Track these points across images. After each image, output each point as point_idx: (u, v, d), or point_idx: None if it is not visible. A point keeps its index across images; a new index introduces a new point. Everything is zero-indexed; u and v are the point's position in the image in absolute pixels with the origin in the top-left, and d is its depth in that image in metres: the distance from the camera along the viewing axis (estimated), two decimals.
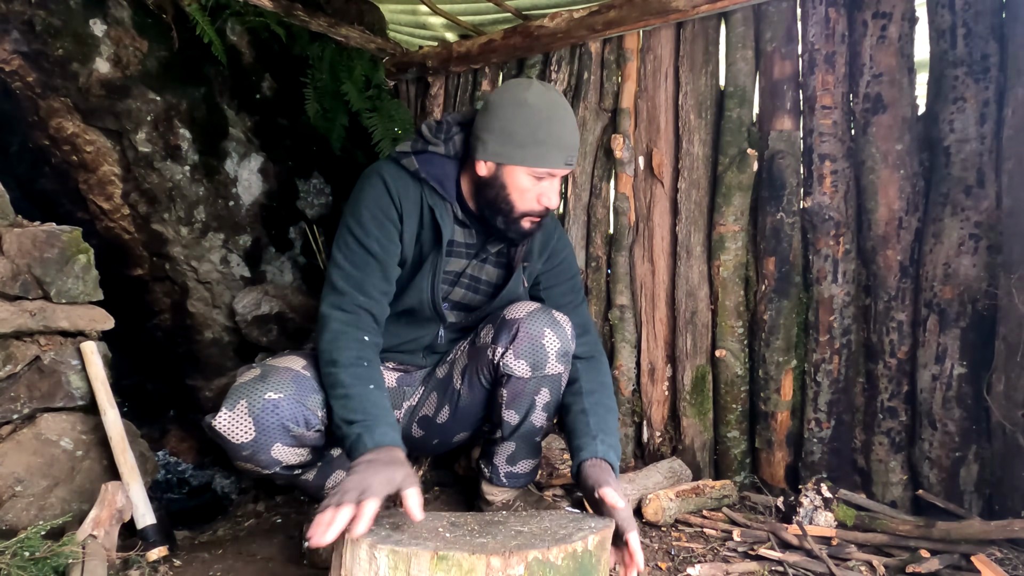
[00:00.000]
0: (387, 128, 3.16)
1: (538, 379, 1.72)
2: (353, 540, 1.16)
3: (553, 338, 1.69)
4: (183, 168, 2.69)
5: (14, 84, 2.36)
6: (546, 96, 1.60)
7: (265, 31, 2.93)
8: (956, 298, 1.88)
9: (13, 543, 1.47)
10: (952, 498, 1.89)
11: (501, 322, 1.74)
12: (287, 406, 1.53)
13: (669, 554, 1.77)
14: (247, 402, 1.52)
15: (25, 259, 1.91)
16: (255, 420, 1.51)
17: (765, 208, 2.18)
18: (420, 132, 1.75)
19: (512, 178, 1.62)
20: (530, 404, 1.76)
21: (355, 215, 1.66)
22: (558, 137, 1.59)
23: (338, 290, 1.61)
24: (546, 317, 1.71)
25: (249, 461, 1.57)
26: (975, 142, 1.85)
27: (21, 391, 1.88)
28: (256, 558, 1.82)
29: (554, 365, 1.71)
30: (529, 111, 1.57)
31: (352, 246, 1.63)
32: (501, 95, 1.62)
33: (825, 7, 2.07)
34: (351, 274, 1.62)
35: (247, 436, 1.52)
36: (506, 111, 1.59)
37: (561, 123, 1.60)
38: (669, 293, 2.40)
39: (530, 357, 1.69)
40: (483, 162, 1.64)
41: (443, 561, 1.09)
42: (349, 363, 1.51)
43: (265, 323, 2.78)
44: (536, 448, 1.90)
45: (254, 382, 1.55)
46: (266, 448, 1.54)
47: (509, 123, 1.58)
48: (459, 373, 1.85)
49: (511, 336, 1.70)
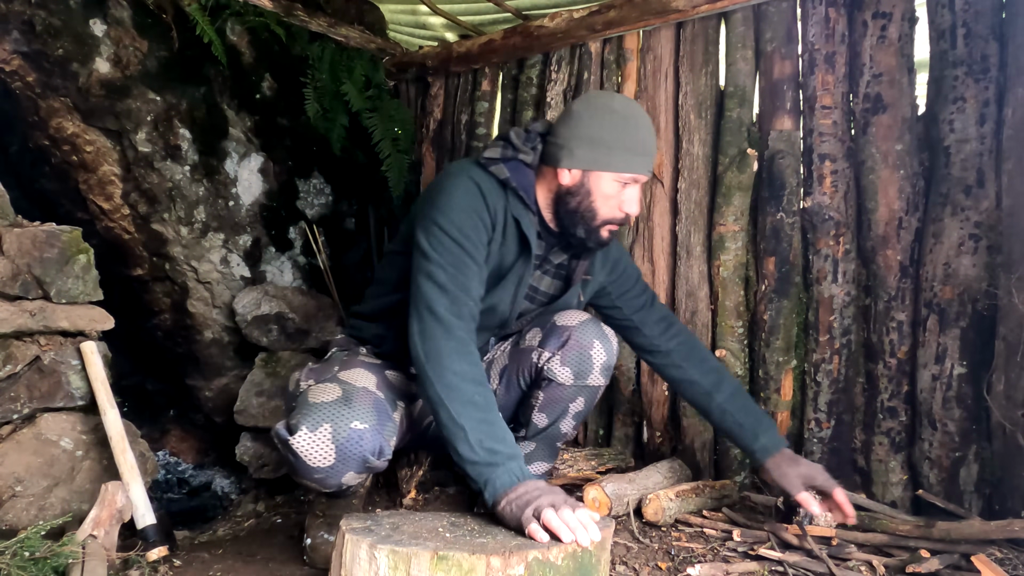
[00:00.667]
0: (387, 128, 3.16)
1: (578, 388, 1.76)
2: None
3: (601, 351, 1.74)
4: (183, 168, 2.69)
5: (14, 84, 2.36)
6: (630, 104, 1.66)
7: (265, 31, 2.93)
8: (956, 298, 1.88)
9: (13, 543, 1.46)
10: (952, 498, 1.89)
11: (551, 327, 1.77)
12: (370, 437, 1.47)
13: (669, 554, 1.77)
14: (332, 428, 1.44)
15: (25, 259, 1.91)
16: (338, 448, 1.44)
17: (765, 208, 2.18)
18: (509, 139, 1.71)
19: (598, 185, 1.63)
20: (563, 410, 1.80)
21: (447, 215, 1.58)
22: (644, 143, 1.64)
23: (447, 292, 1.53)
24: (596, 329, 1.75)
25: (315, 482, 1.51)
26: (975, 142, 1.85)
27: (21, 391, 1.88)
28: (256, 558, 1.82)
29: (596, 377, 1.76)
30: (617, 118, 1.61)
31: (449, 246, 1.56)
32: (586, 104, 1.65)
33: (825, 7, 2.07)
34: (454, 276, 1.55)
35: (325, 462, 1.45)
36: (594, 119, 1.62)
37: (647, 130, 1.65)
38: (669, 293, 2.40)
39: (576, 366, 1.73)
40: (568, 170, 1.64)
41: (443, 561, 1.09)
42: (480, 380, 1.48)
43: (265, 323, 2.78)
44: (554, 452, 1.92)
45: (338, 406, 1.47)
46: (339, 475, 1.49)
47: (598, 130, 1.60)
48: (497, 373, 1.88)
49: (561, 343, 1.74)
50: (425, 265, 1.56)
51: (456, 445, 1.41)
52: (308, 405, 1.49)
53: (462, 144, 3.09)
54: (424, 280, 1.55)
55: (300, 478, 1.52)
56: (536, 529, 1.23)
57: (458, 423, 1.41)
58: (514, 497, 1.33)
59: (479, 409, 1.43)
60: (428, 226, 1.60)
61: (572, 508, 1.25)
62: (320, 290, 3.10)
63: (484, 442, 1.39)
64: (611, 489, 1.94)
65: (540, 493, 1.31)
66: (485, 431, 1.41)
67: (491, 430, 1.42)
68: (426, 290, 1.54)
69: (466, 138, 3.07)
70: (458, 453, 1.41)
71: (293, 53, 3.05)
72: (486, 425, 1.42)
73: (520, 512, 1.28)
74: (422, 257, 1.58)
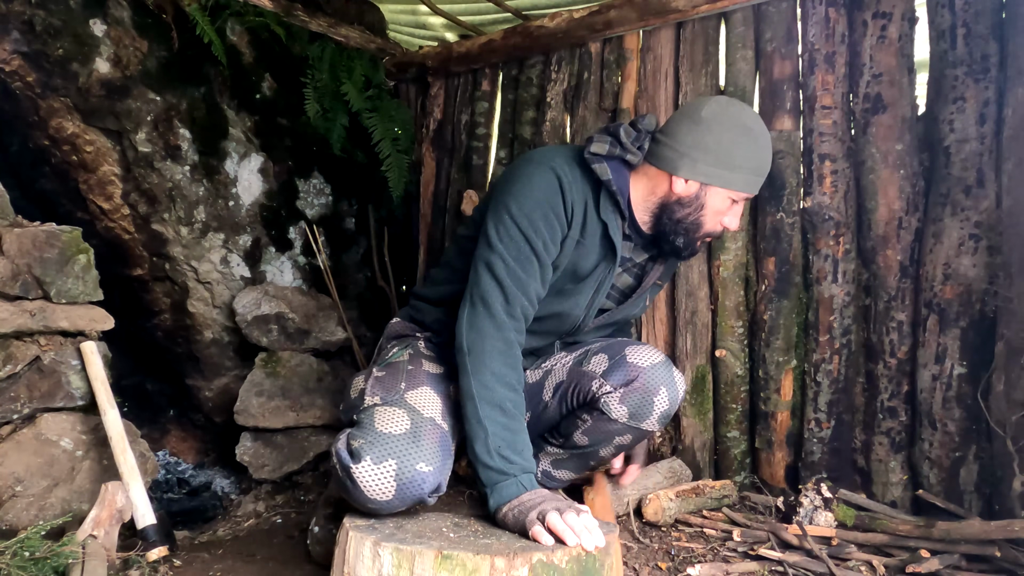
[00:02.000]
0: (387, 128, 3.16)
1: (629, 427, 1.70)
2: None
3: (664, 398, 1.66)
4: (183, 168, 2.69)
5: (14, 84, 2.36)
6: (760, 122, 1.61)
7: (265, 31, 2.93)
8: (956, 298, 1.88)
9: (13, 543, 1.46)
10: (952, 498, 1.89)
11: (620, 360, 1.69)
12: (432, 479, 1.41)
13: (669, 554, 1.77)
14: (397, 466, 1.37)
15: (25, 259, 1.90)
16: (399, 487, 1.38)
17: (765, 208, 2.19)
18: (618, 137, 1.63)
19: (712, 199, 1.60)
20: (607, 440, 1.75)
21: (522, 207, 1.54)
22: (767, 164, 1.62)
23: (504, 286, 1.51)
24: (667, 375, 1.67)
25: (366, 509, 1.43)
26: (975, 142, 1.85)
27: (21, 391, 1.88)
28: (256, 558, 1.82)
29: (652, 423, 1.69)
30: (750, 137, 1.57)
31: (516, 238, 1.53)
32: (716, 114, 1.56)
33: (825, 7, 2.08)
34: (516, 273, 1.52)
35: (384, 496, 1.38)
36: (725, 133, 1.55)
37: (770, 148, 1.63)
38: (669, 293, 2.40)
39: (634, 408, 1.66)
40: (684, 180, 1.58)
41: (447, 560, 1.09)
42: (516, 386, 1.48)
43: (265, 323, 2.78)
44: (584, 467, 1.89)
45: (406, 442, 1.41)
46: (393, 509, 1.43)
47: (728, 146, 1.55)
48: (552, 386, 1.81)
49: (625, 380, 1.66)
50: (487, 253, 1.54)
51: (474, 444, 1.43)
52: (375, 434, 1.42)
53: (462, 144, 3.09)
54: (484, 269, 1.53)
55: (352, 501, 1.46)
56: (540, 531, 1.23)
57: (482, 423, 1.42)
58: (517, 503, 1.34)
59: (506, 415, 1.44)
60: (499, 212, 1.56)
61: (576, 512, 1.25)
62: (320, 290, 3.10)
63: (502, 449, 1.40)
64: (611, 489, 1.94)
65: (544, 499, 1.32)
66: (505, 439, 1.42)
67: (512, 439, 1.42)
68: (484, 280, 1.52)
69: (466, 138, 3.07)
70: (474, 452, 1.43)
71: (293, 53, 3.05)
72: (508, 432, 1.43)
73: (524, 516, 1.29)
74: (486, 243, 1.55)
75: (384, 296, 3.34)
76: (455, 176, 3.12)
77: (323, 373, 2.84)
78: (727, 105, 1.59)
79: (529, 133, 2.82)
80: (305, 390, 2.71)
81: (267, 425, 2.60)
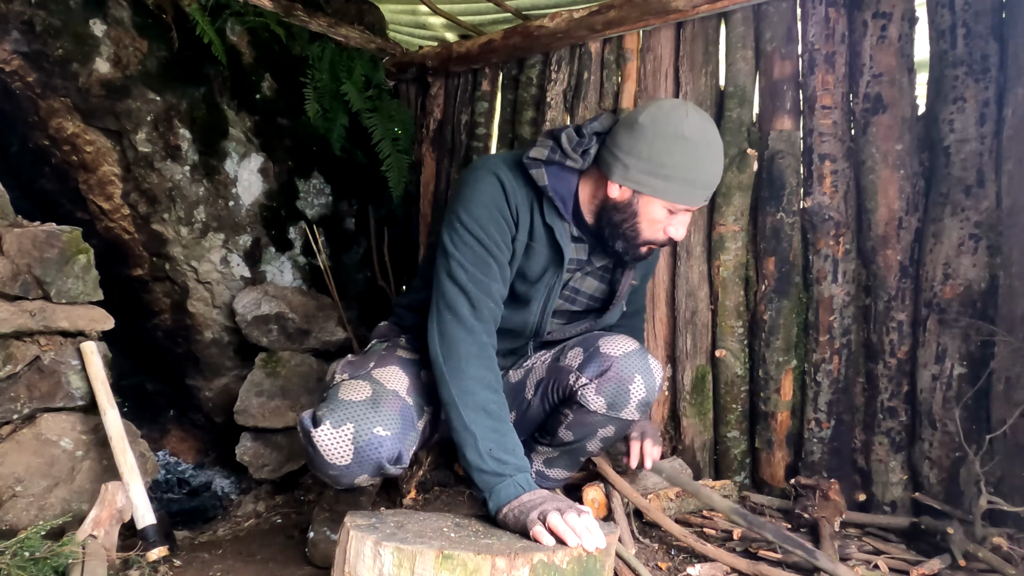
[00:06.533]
0: (387, 128, 3.16)
1: (609, 418, 1.71)
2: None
3: (640, 386, 1.67)
4: (183, 168, 2.69)
5: (14, 84, 2.36)
6: (703, 130, 1.50)
7: (265, 31, 2.93)
8: (956, 298, 1.88)
9: (13, 543, 1.46)
10: (952, 498, 1.89)
11: (593, 352, 1.70)
12: (390, 445, 1.46)
13: (669, 554, 1.77)
14: (354, 429, 1.43)
15: (25, 259, 1.90)
16: (356, 451, 1.43)
17: (765, 208, 2.19)
18: (559, 142, 1.60)
19: (647, 208, 1.55)
20: (591, 433, 1.76)
21: (471, 213, 1.55)
22: (708, 175, 1.52)
23: (468, 292, 1.51)
24: (640, 363, 1.68)
25: (329, 478, 1.51)
26: (975, 142, 1.85)
27: (21, 391, 1.88)
28: (256, 558, 1.82)
29: (631, 412, 1.70)
30: (685, 146, 1.48)
31: (471, 243, 1.54)
32: (656, 120, 1.49)
33: (825, 7, 2.08)
34: (477, 277, 1.53)
35: (342, 461, 1.44)
36: (658, 140, 1.48)
37: (714, 161, 1.52)
38: (669, 293, 2.40)
39: (610, 398, 1.67)
40: (619, 186, 1.55)
41: (448, 560, 1.09)
42: (496, 387, 1.48)
43: (265, 323, 2.78)
44: (576, 464, 1.91)
45: (365, 407, 1.46)
46: (352, 476, 1.48)
47: (660, 155, 1.48)
48: (533, 384, 1.83)
49: (600, 371, 1.67)
50: (446, 262, 1.55)
51: (465, 451, 1.42)
52: (336, 401, 1.47)
53: (462, 144, 3.09)
54: (445, 277, 1.53)
55: (315, 470, 1.52)
56: (541, 531, 1.23)
57: (469, 429, 1.42)
58: (517, 504, 1.33)
59: (491, 417, 1.44)
60: (451, 221, 1.57)
61: (577, 513, 1.25)
62: (320, 290, 3.10)
63: (493, 452, 1.40)
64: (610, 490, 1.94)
65: (544, 499, 1.31)
66: (495, 440, 1.41)
67: (501, 440, 1.42)
68: (446, 288, 1.52)
69: (466, 138, 3.07)
70: (466, 459, 1.42)
71: (293, 53, 3.05)
72: (497, 435, 1.42)
73: (524, 516, 1.29)
74: (443, 253, 1.56)
75: (384, 296, 3.34)
76: (455, 176, 3.12)
77: (323, 373, 2.84)
78: (669, 111, 1.50)
79: (529, 133, 2.82)
80: (305, 390, 2.71)
81: (267, 425, 2.60)
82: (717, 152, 1.53)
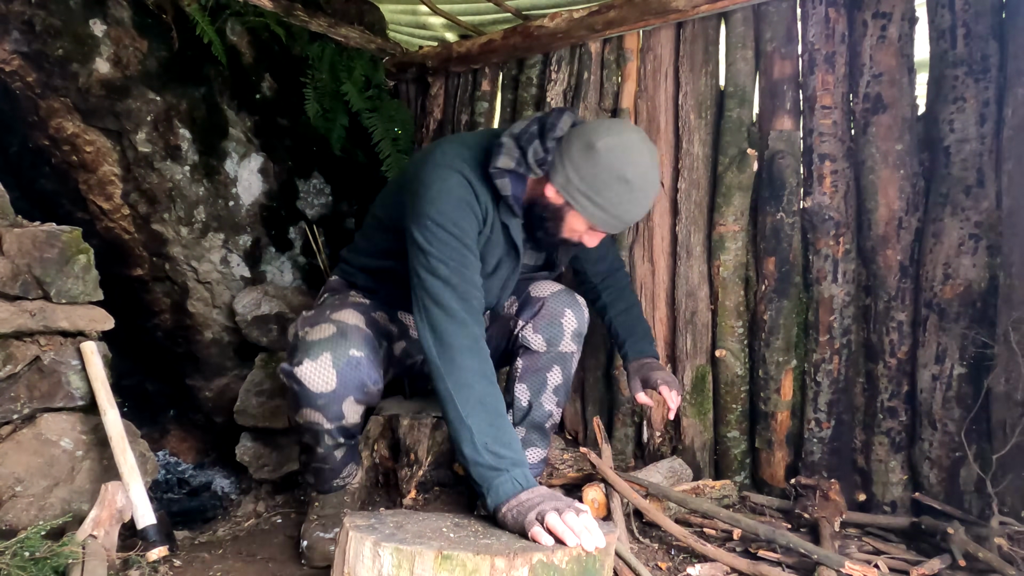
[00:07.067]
0: (387, 128, 3.16)
1: (552, 356, 1.85)
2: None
3: (571, 318, 1.85)
4: (183, 168, 2.69)
5: (14, 84, 2.36)
6: (645, 175, 1.57)
7: (265, 31, 2.93)
8: (956, 298, 1.88)
9: (13, 543, 1.46)
10: (952, 498, 1.89)
11: (526, 298, 1.90)
12: (366, 365, 1.63)
13: (669, 554, 1.77)
14: (332, 355, 1.59)
15: (25, 259, 1.90)
16: (338, 373, 1.60)
17: (765, 208, 2.19)
18: (525, 155, 1.63)
19: (572, 219, 1.66)
20: (542, 383, 1.87)
21: (442, 210, 1.58)
22: (633, 216, 1.63)
23: (453, 285, 1.53)
24: (568, 298, 1.87)
25: (319, 410, 1.63)
26: (975, 142, 1.85)
27: (21, 391, 1.88)
28: (256, 558, 1.82)
29: (568, 343, 1.85)
30: (624, 188, 1.55)
31: (447, 240, 1.56)
32: (611, 152, 1.55)
33: (825, 7, 2.08)
34: (457, 269, 1.55)
35: (327, 387, 1.60)
36: (605, 174, 1.55)
37: (644, 204, 1.62)
38: (669, 293, 2.40)
39: (547, 332, 1.84)
40: (556, 190, 1.63)
41: (447, 561, 1.09)
42: (491, 378, 1.49)
43: (265, 323, 2.78)
44: (546, 436, 1.96)
45: (336, 338, 1.62)
46: (340, 400, 1.63)
47: (601, 186, 1.56)
48: None
49: (534, 312, 1.86)
50: (424, 260, 1.55)
51: (461, 445, 1.42)
52: (307, 343, 1.63)
53: None
54: (427, 275, 1.54)
55: (304, 407, 1.65)
56: (539, 532, 1.23)
57: (465, 423, 1.41)
58: (516, 504, 1.33)
59: (488, 411, 1.43)
60: (421, 220, 1.57)
61: (576, 512, 1.25)
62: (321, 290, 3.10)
63: (490, 445, 1.39)
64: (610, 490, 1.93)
65: (543, 498, 1.31)
66: (492, 435, 1.41)
67: (498, 434, 1.42)
68: (430, 285, 1.53)
69: None
70: (463, 454, 1.42)
71: (293, 53, 3.05)
72: (493, 429, 1.42)
73: (523, 516, 1.29)
74: (419, 252, 1.56)
75: None
76: None
77: None
78: (625, 149, 1.56)
79: None
80: None
81: (267, 425, 2.61)
82: (651, 195, 1.63)
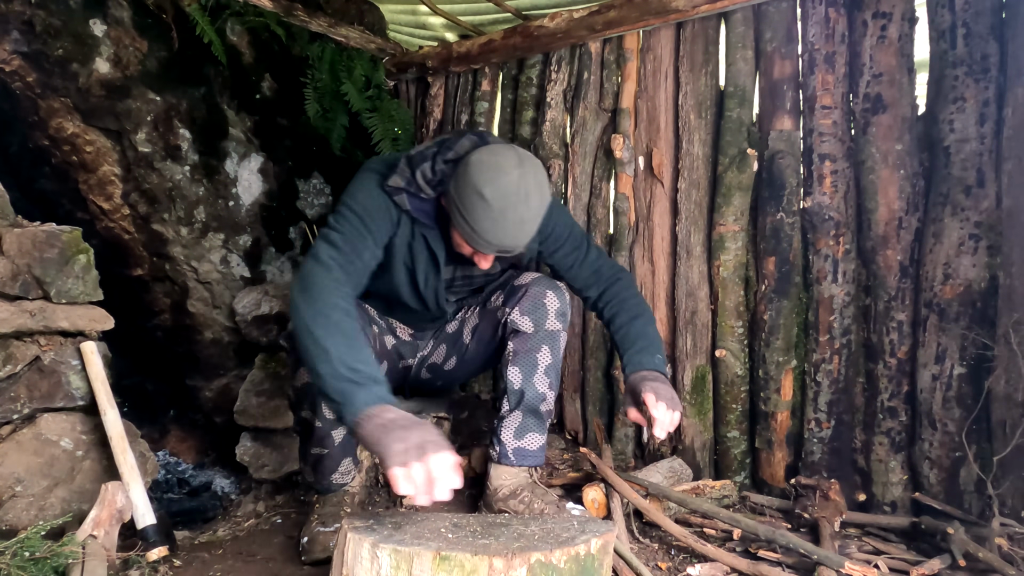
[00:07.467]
0: (387, 128, 3.16)
1: (540, 336, 1.90)
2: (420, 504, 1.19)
3: (553, 298, 1.91)
4: (183, 168, 2.69)
5: (14, 84, 2.36)
6: (507, 197, 1.54)
7: (265, 31, 2.93)
8: (956, 298, 1.88)
9: (13, 543, 1.46)
10: (952, 498, 1.89)
11: (511, 288, 1.96)
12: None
13: (669, 554, 1.77)
14: None
15: (25, 259, 1.90)
16: None
17: (765, 208, 2.18)
18: (415, 177, 1.69)
19: (455, 233, 1.70)
20: (533, 364, 1.91)
21: (356, 198, 1.69)
22: (494, 238, 1.59)
23: (338, 248, 1.59)
24: (548, 282, 1.95)
25: None
26: (975, 142, 1.85)
27: (21, 391, 1.88)
28: (256, 558, 1.82)
29: (553, 322, 1.91)
30: (479, 204, 1.55)
31: (350, 218, 1.65)
32: (477, 166, 1.56)
33: (825, 7, 2.07)
34: (349, 239, 1.62)
35: None
36: (465, 188, 1.57)
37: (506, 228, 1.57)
38: (669, 293, 2.40)
39: (532, 314, 1.90)
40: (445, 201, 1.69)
41: (445, 561, 1.09)
42: (351, 313, 1.49)
43: (265, 323, 2.78)
44: (542, 422, 1.96)
45: None
46: None
47: (463, 198, 1.58)
48: (469, 330, 2.05)
49: (518, 298, 1.92)
50: (325, 232, 1.64)
51: (317, 366, 1.37)
52: None
53: None
54: (319, 241, 1.63)
55: (301, 367, 1.72)
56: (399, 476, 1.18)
57: (322, 345, 1.38)
58: (380, 422, 1.26)
59: (345, 336, 1.42)
60: (337, 207, 1.71)
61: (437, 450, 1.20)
62: None
63: (347, 361, 1.35)
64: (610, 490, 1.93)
65: (407, 425, 1.25)
66: (350, 354, 1.38)
67: (356, 354, 1.39)
68: (316, 247, 1.61)
69: None
70: (318, 373, 1.37)
71: (293, 53, 3.05)
72: (352, 350, 1.39)
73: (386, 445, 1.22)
74: (324, 228, 1.66)
75: None
76: None
77: None
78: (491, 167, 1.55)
79: (529, 133, 2.82)
80: None
81: (267, 425, 2.60)
82: (511, 221, 1.56)
